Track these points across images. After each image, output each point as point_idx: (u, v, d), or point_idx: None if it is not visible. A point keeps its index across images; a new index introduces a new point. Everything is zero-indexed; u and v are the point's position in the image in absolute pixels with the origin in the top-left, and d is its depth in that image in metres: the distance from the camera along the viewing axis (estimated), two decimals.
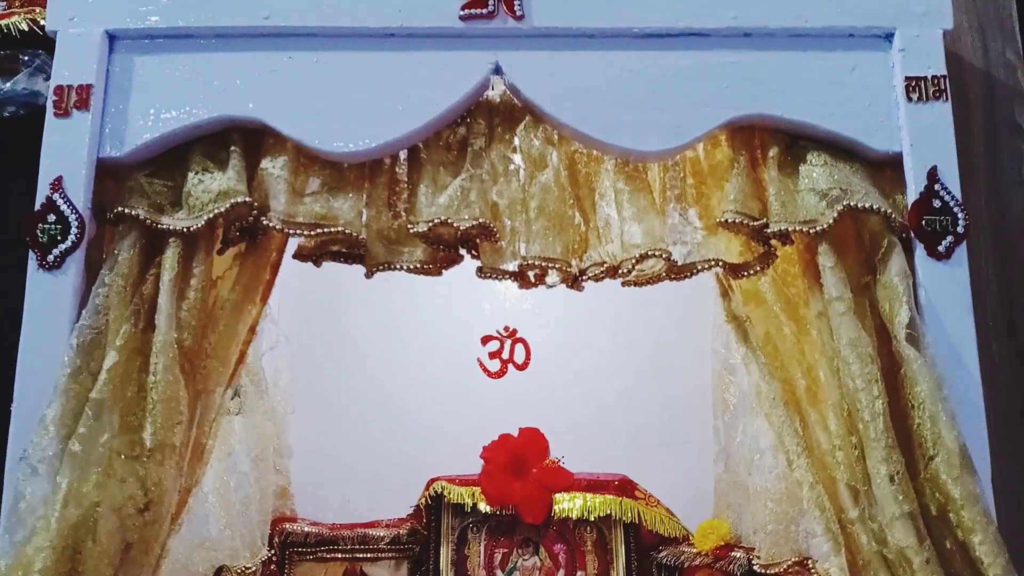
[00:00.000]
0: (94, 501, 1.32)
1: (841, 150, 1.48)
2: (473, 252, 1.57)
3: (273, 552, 2.37)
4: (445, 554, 2.36)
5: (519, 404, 2.59)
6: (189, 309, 1.43)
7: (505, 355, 2.66)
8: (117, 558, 1.34)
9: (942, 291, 1.43)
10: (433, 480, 2.40)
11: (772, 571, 1.98)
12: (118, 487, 1.35)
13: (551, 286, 1.59)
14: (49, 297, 1.43)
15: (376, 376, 2.65)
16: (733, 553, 2.22)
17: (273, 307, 2.54)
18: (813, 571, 1.86)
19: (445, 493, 2.37)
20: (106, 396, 1.35)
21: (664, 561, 2.33)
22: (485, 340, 2.67)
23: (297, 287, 2.64)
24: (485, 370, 2.65)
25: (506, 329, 2.68)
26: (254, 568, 2.19)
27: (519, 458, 2.39)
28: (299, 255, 1.59)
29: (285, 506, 2.49)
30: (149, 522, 1.38)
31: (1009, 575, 1.28)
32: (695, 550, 2.29)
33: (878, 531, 1.34)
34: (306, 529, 2.42)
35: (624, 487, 2.39)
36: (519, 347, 2.66)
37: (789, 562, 1.94)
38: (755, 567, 2.06)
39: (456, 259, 1.57)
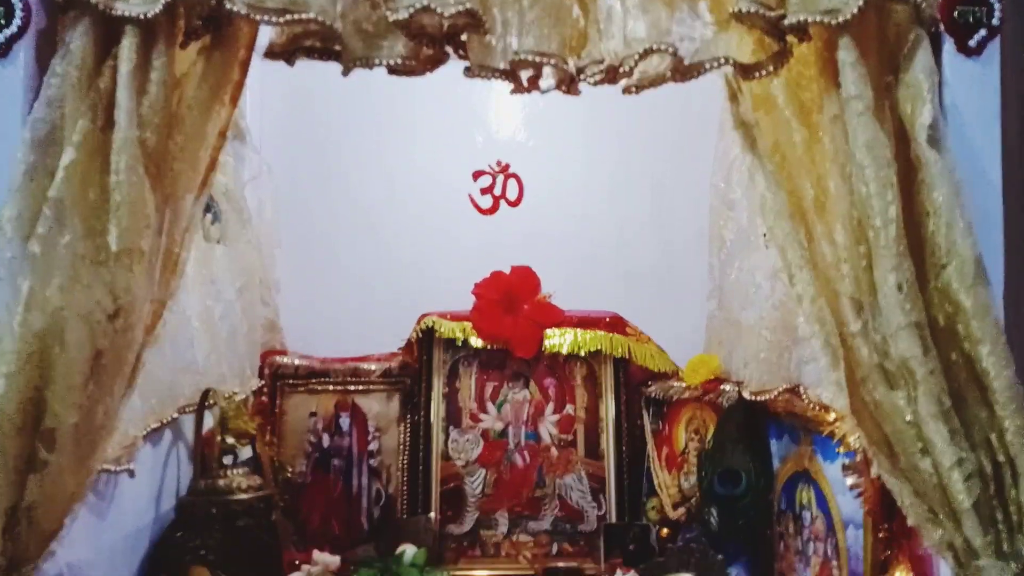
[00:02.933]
0: (58, 306, 1.26)
1: None
2: (460, 52, 1.44)
3: (264, 384, 2.37)
4: (436, 387, 2.37)
5: (511, 241, 2.54)
6: (151, 105, 1.32)
7: (497, 191, 2.58)
8: (87, 366, 1.29)
9: (969, 91, 1.33)
10: (424, 315, 2.37)
11: (762, 398, 1.97)
12: (84, 292, 1.28)
13: (545, 90, 1.47)
14: None
15: (365, 210, 2.58)
16: (722, 386, 2.21)
17: (256, 136, 2.43)
18: (804, 398, 1.84)
19: (436, 328, 2.36)
20: (65, 195, 1.27)
21: (653, 395, 2.34)
22: (477, 175, 2.58)
23: (281, 119, 2.53)
24: (476, 206, 2.58)
25: (499, 164, 2.58)
26: (244, 396, 2.19)
27: (510, 294, 2.36)
28: (270, 53, 1.46)
29: (275, 340, 2.48)
30: (120, 330, 1.33)
31: (1014, 386, 1.24)
32: (684, 384, 2.28)
33: (880, 343, 1.29)
34: (296, 362, 2.42)
35: (615, 323, 2.37)
36: (512, 183, 2.58)
37: (780, 389, 1.92)
38: (745, 396, 2.05)
39: (442, 58, 1.44)
